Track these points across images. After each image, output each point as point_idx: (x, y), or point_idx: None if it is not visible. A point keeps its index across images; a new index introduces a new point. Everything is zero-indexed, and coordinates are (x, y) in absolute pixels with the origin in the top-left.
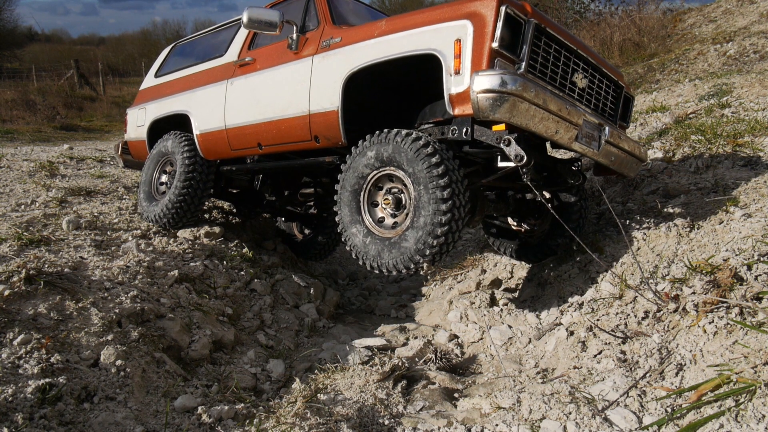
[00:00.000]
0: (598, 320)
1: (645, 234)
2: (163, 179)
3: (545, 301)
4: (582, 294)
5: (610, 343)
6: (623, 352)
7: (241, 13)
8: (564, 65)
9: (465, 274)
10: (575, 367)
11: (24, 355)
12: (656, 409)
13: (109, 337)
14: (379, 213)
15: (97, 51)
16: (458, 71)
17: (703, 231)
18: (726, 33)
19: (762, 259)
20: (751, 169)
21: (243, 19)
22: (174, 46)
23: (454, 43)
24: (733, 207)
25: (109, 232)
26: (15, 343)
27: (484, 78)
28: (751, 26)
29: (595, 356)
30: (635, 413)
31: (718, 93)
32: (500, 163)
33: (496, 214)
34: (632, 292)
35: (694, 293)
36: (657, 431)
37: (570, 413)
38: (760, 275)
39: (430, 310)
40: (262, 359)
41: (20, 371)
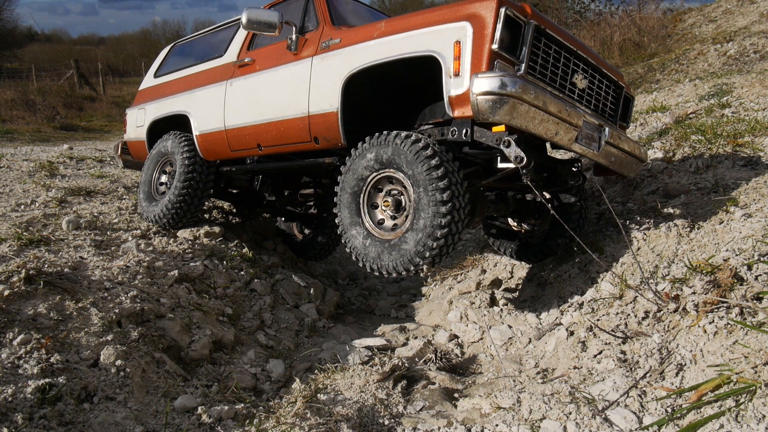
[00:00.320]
0: (598, 320)
1: (645, 234)
2: (163, 179)
3: (545, 301)
4: (582, 294)
5: (610, 343)
6: (623, 352)
7: (240, 13)
8: (564, 66)
9: (465, 274)
10: (575, 367)
11: (24, 355)
12: (656, 409)
13: (109, 337)
14: (378, 215)
15: (97, 51)
16: (458, 73)
17: (703, 231)
18: (726, 33)
19: (762, 259)
20: (752, 169)
21: (242, 20)
22: (173, 46)
23: (454, 45)
24: (733, 207)
25: (109, 232)
26: (15, 343)
27: (484, 80)
28: (752, 26)
29: (595, 356)
30: (635, 413)
31: (718, 93)
32: (500, 164)
33: (496, 214)
34: (632, 292)
35: (694, 293)
36: (657, 431)
37: (570, 413)
38: (761, 275)
39: (430, 310)
40: (262, 359)
41: (20, 371)
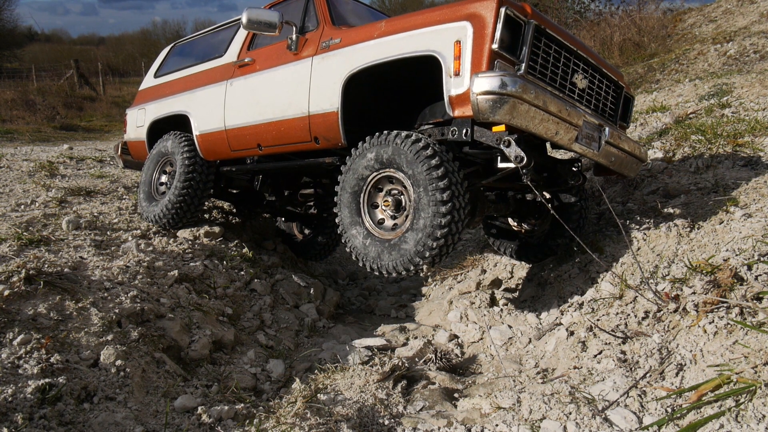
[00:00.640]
0: (598, 320)
1: (645, 234)
2: (163, 179)
3: (545, 301)
4: (582, 294)
5: (610, 343)
6: (623, 352)
7: (240, 13)
8: (564, 66)
9: (465, 274)
10: (575, 367)
11: (24, 355)
12: (656, 409)
13: (109, 337)
14: (379, 215)
15: (96, 51)
16: (458, 73)
17: (703, 231)
18: (726, 33)
19: (762, 259)
20: (752, 169)
21: (242, 20)
22: (173, 46)
23: (454, 45)
24: (733, 207)
25: (108, 232)
26: (15, 343)
27: (484, 80)
28: (752, 26)
29: (595, 356)
30: (635, 413)
31: (718, 93)
32: (500, 164)
33: (496, 214)
34: (632, 292)
35: (694, 293)
36: (657, 431)
37: (570, 413)
38: (761, 275)
39: (430, 310)
40: (262, 359)
41: (20, 371)
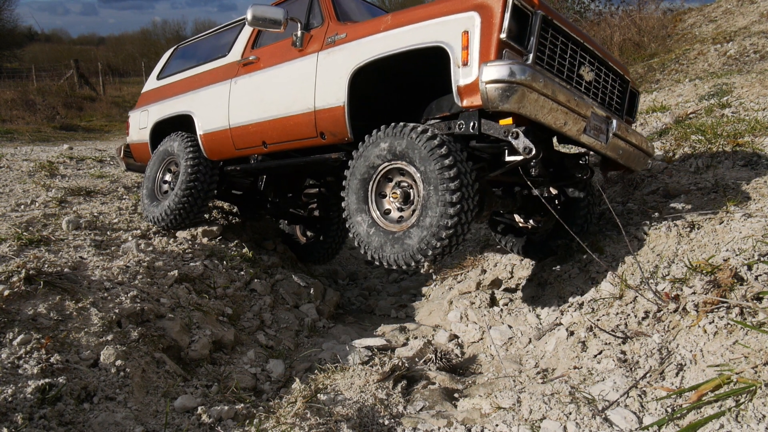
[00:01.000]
0: (598, 320)
1: (645, 234)
2: (167, 178)
3: (545, 301)
4: (582, 294)
5: (610, 343)
6: (623, 352)
7: (240, 13)
8: (571, 58)
9: (465, 274)
10: (575, 367)
11: (24, 355)
12: (656, 410)
13: (109, 337)
14: (386, 204)
15: (96, 51)
16: (466, 63)
17: (703, 231)
18: (726, 33)
19: (762, 259)
20: (752, 169)
21: (247, 17)
22: (176, 49)
23: (462, 35)
24: (733, 207)
25: (108, 232)
26: (15, 343)
27: (493, 68)
28: (752, 26)
29: (596, 356)
30: (635, 413)
31: (718, 93)
32: (508, 158)
33: (503, 210)
34: (632, 292)
35: (694, 293)
36: (657, 431)
37: (570, 413)
38: (761, 275)
39: (430, 310)
40: (262, 359)
41: (20, 371)
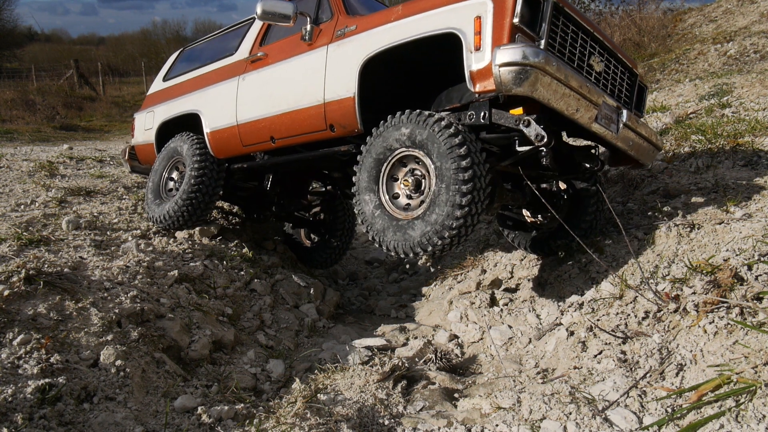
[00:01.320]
0: (598, 320)
1: (645, 234)
2: (174, 176)
3: (545, 301)
4: (582, 294)
5: (610, 343)
6: (623, 352)
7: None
8: (581, 47)
9: (465, 274)
10: (575, 367)
11: (24, 355)
12: (656, 410)
13: (109, 337)
14: (395, 188)
15: (96, 51)
16: (479, 47)
17: (703, 231)
18: (726, 33)
19: (762, 259)
20: (752, 169)
21: (257, 11)
22: (182, 51)
23: (474, 20)
24: (733, 207)
25: (108, 232)
26: (15, 343)
27: (506, 51)
28: (752, 26)
29: (596, 356)
30: (635, 413)
31: (718, 93)
32: (519, 148)
33: (512, 204)
34: (632, 292)
35: (694, 293)
36: (657, 431)
37: (570, 413)
38: (761, 275)
39: (430, 310)
40: (262, 359)
41: (20, 371)
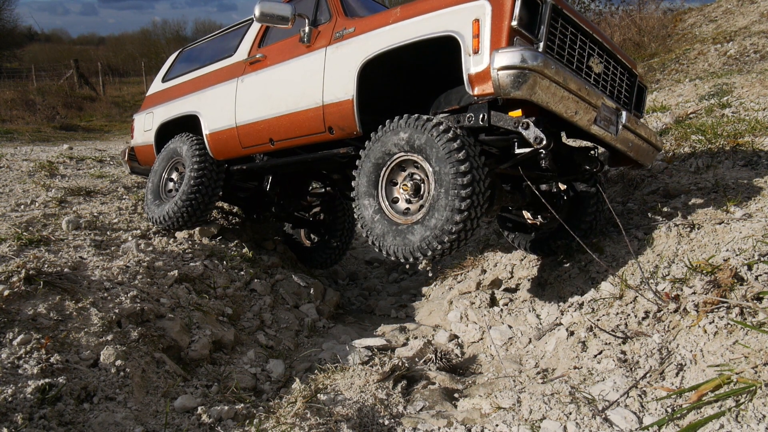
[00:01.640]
0: (598, 320)
1: (645, 234)
2: (174, 176)
3: (545, 301)
4: (582, 294)
5: (610, 343)
6: (623, 352)
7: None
8: (580, 48)
9: (465, 274)
10: (575, 367)
11: (24, 355)
12: (656, 410)
13: (109, 338)
14: (395, 193)
15: (96, 51)
16: (477, 50)
17: (703, 231)
18: (726, 33)
19: (762, 259)
20: (752, 169)
21: (255, 13)
22: (181, 51)
23: (473, 23)
24: (733, 207)
25: (108, 232)
26: (15, 343)
27: (505, 55)
28: (752, 26)
29: (596, 356)
30: (635, 413)
31: (718, 93)
32: (518, 150)
33: (512, 206)
34: (632, 292)
35: (694, 293)
36: (657, 431)
37: (570, 413)
38: (761, 275)
39: (430, 310)
40: (262, 359)
41: (20, 371)
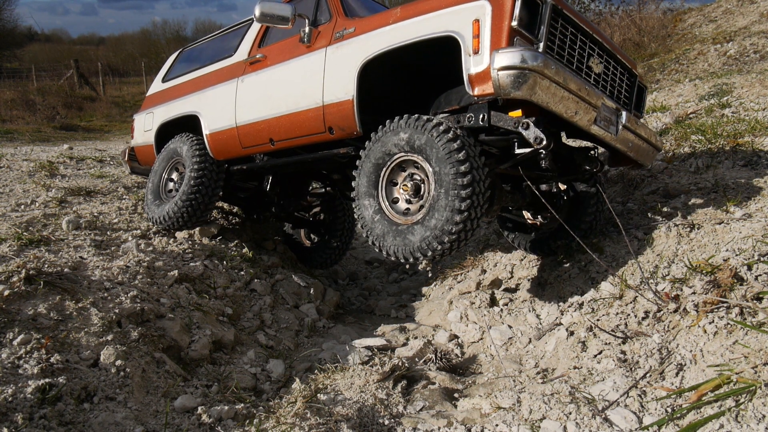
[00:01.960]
0: (598, 320)
1: (645, 234)
2: (174, 177)
3: (545, 301)
4: (582, 294)
5: (610, 343)
6: (623, 352)
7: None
8: (580, 49)
9: (465, 274)
10: (575, 367)
11: (24, 355)
12: (656, 409)
13: (109, 337)
14: (395, 193)
15: (96, 51)
16: (477, 51)
17: (703, 231)
18: (726, 33)
19: (762, 259)
20: (752, 169)
21: (255, 13)
22: (181, 52)
23: (473, 24)
24: (733, 207)
25: (108, 232)
26: (15, 343)
27: (505, 55)
28: (752, 26)
29: (595, 356)
30: (635, 413)
31: (718, 93)
32: (518, 150)
33: (512, 206)
34: (632, 292)
35: (694, 293)
36: (657, 431)
37: (570, 413)
38: (761, 275)
39: (430, 310)
40: (262, 359)
41: (20, 371)
